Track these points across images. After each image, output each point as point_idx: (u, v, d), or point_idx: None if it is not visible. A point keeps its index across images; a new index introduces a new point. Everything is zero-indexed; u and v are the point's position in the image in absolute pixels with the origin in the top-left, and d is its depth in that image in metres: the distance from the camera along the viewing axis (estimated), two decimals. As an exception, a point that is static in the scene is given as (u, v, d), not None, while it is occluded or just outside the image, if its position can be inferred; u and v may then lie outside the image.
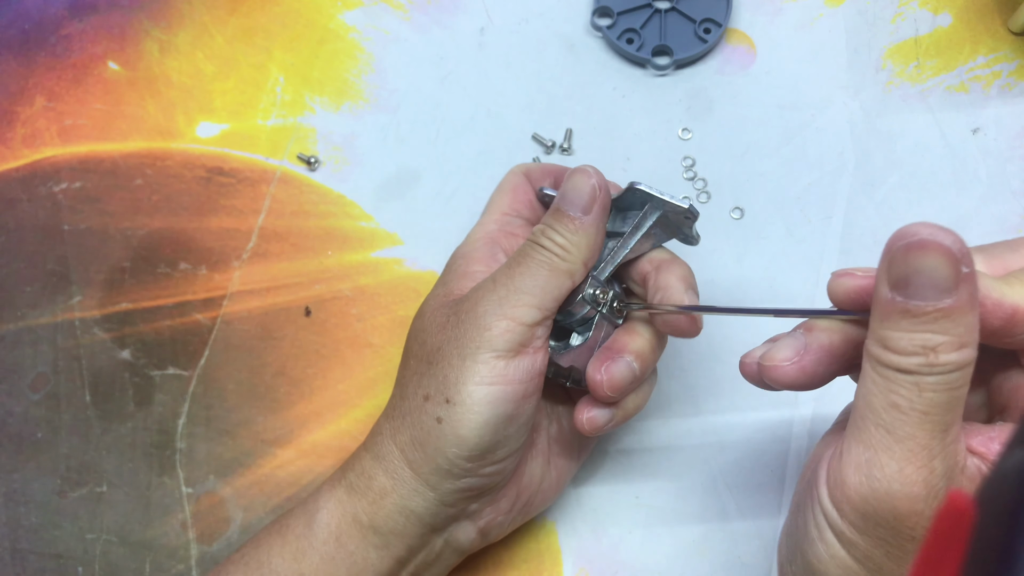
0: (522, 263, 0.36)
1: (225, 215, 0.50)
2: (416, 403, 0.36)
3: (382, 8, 0.54)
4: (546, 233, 0.36)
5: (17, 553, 0.45)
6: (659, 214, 0.37)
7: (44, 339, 0.48)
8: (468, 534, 0.38)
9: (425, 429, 0.35)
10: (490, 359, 0.34)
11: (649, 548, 0.43)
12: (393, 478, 0.36)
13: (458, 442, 0.34)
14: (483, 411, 0.34)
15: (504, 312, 0.34)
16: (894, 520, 0.27)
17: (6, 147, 0.52)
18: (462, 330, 0.35)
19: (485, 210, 0.42)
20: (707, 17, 0.51)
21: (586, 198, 0.36)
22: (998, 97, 0.49)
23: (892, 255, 0.26)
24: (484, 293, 0.35)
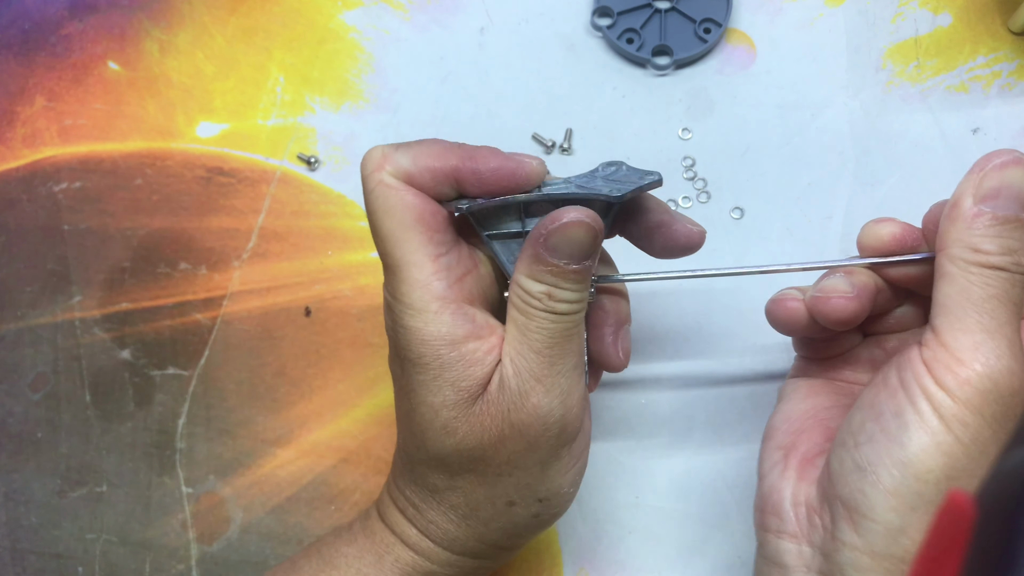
0: (551, 343, 0.32)
1: (225, 215, 0.50)
2: (499, 510, 0.34)
3: (382, 8, 0.54)
4: (556, 297, 0.31)
5: (17, 553, 0.45)
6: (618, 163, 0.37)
7: (44, 339, 0.48)
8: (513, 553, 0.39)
9: (522, 526, 0.35)
10: (566, 452, 0.33)
11: (649, 548, 0.43)
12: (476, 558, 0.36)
13: (555, 519, 0.36)
14: (575, 491, 0.35)
15: (565, 406, 0.32)
16: (1009, 395, 0.29)
17: (6, 147, 0.52)
18: (531, 440, 0.32)
19: (396, 262, 0.32)
20: (707, 17, 0.51)
21: (588, 250, 0.31)
22: (998, 97, 0.49)
23: (986, 172, 0.30)
24: (538, 398, 0.32)
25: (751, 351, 0.45)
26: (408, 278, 0.32)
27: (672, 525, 0.43)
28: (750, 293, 0.46)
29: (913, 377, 0.30)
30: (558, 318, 0.32)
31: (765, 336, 0.45)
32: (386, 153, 0.33)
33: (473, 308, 0.33)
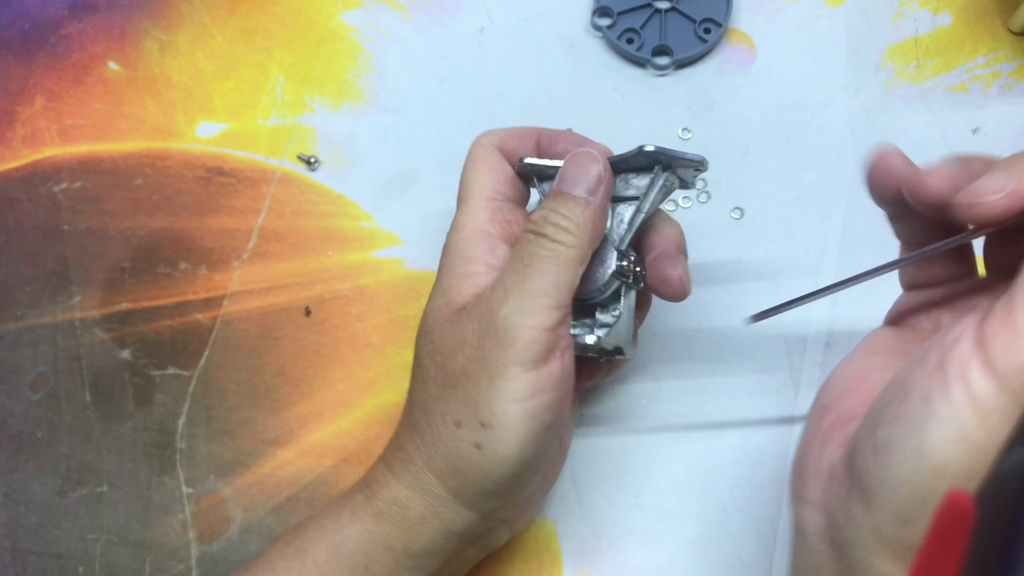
0: (530, 262, 0.34)
1: (225, 215, 0.50)
2: (447, 430, 0.34)
3: (382, 8, 0.54)
4: (550, 219, 0.34)
5: (17, 553, 0.45)
6: (668, 173, 0.36)
7: (44, 339, 0.48)
8: (502, 537, 0.38)
9: (464, 456, 0.33)
10: (520, 374, 0.32)
11: (649, 548, 0.43)
12: (433, 505, 0.35)
13: (502, 464, 0.33)
14: (522, 429, 0.33)
15: (524, 322, 0.32)
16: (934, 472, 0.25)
17: (6, 147, 0.52)
18: (486, 350, 0.33)
19: (464, 195, 0.38)
20: (707, 17, 0.51)
21: (592, 180, 0.34)
22: (998, 97, 0.49)
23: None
24: (497, 304, 0.33)
25: (752, 350, 0.45)
26: (463, 208, 0.38)
27: (672, 525, 0.43)
28: (751, 292, 0.46)
29: (957, 357, 0.25)
30: (543, 240, 0.34)
31: (766, 335, 0.45)
32: (491, 130, 0.40)
33: (502, 244, 0.36)
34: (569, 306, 0.34)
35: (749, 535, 0.42)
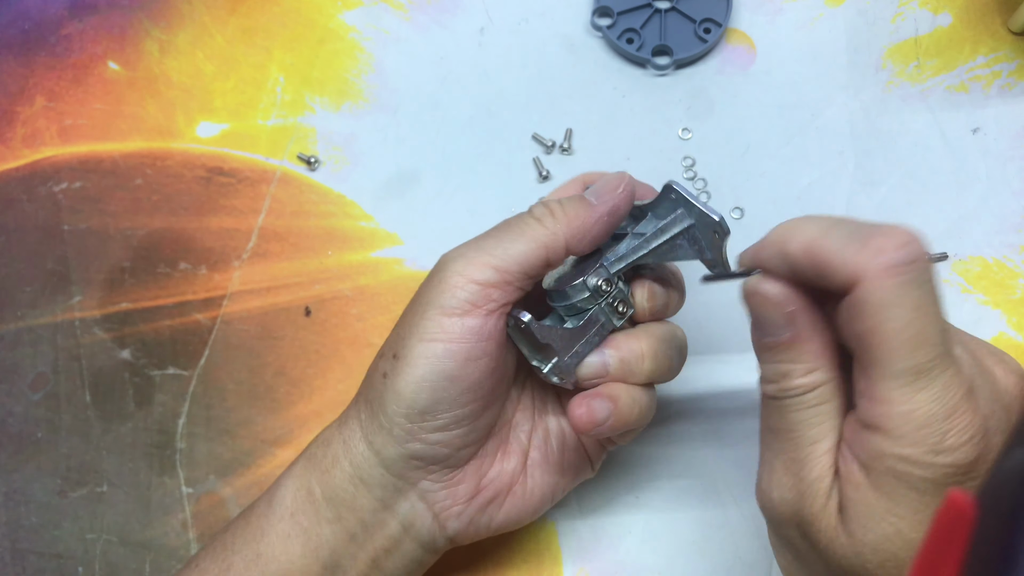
0: (500, 227, 0.35)
1: (225, 215, 0.50)
2: (375, 363, 0.36)
3: (382, 8, 0.54)
4: (546, 203, 0.35)
5: (17, 553, 0.45)
6: (688, 223, 0.35)
7: (44, 339, 0.48)
8: (424, 520, 0.36)
9: (374, 386, 0.35)
10: (435, 315, 0.33)
11: (649, 548, 0.43)
12: (345, 443, 0.35)
13: (396, 397, 0.34)
14: (420, 365, 0.33)
15: (458, 269, 0.34)
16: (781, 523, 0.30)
17: (6, 147, 0.52)
18: (422, 290, 0.35)
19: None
20: (707, 17, 0.51)
21: (605, 189, 0.35)
22: (998, 97, 0.49)
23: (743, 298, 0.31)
24: (450, 254, 0.35)
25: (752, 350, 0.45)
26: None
27: (672, 525, 0.43)
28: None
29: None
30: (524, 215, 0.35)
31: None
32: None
33: None
34: (515, 277, 0.34)
35: (749, 535, 0.42)
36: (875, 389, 0.27)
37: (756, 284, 0.30)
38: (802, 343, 0.29)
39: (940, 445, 0.26)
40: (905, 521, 0.26)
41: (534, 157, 0.50)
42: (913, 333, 0.26)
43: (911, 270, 0.26)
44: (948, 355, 0.27)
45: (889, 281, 0.26)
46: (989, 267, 0.46)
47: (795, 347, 0.29)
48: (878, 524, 0.27)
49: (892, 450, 0.26)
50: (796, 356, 0.29)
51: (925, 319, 0.26)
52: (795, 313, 0.29)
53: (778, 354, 0.30)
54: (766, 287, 0.30)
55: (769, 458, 0.31)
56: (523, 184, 0.50)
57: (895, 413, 0.26)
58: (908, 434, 0.26)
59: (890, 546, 0.27)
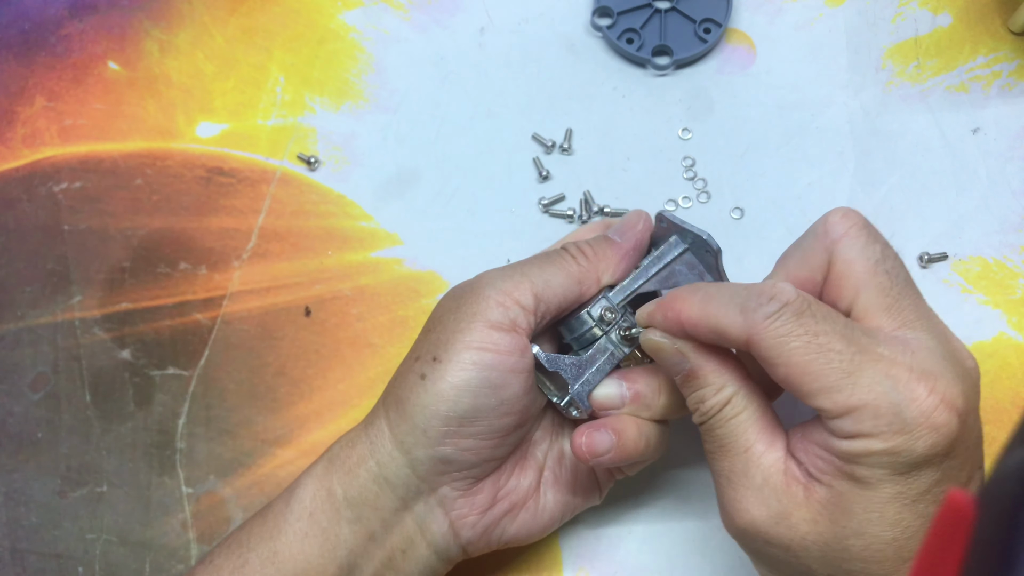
0: (540, 257, 0.37)
1: (225, 215, 0.50)
2: (407, 364, 0.36)
3: (382, 8, 0.54)
4: (579, 243, 0.38)
5: (17, 553, 0.45)
6: (683, 248, 0.37)
7: (44, 339, 0.48)
8: (440, 525, 0.36)
9: (408, 386, 0.35)
10: (483, 327, 0.35)
11: (649, 548, 0.43)
12: (372, 443, 0.36)
13: (437, 398, 0.34)
14: (468, 369, 0.34)
15: (504, 287, 0.35)
16: (744, 536, 0.32)
17: (6, 147, 0.52)
18: (462, 301, 0.36)
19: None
20: (707, 17, 0.51)
21: (626, 227, 0.38)
22: (998, 97, 0.49)
23: None
24: (492, 273, 0.36)
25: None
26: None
27: (672, 525, 0.43)
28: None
29: None
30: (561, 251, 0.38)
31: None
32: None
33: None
34: (549, 307, 0.36)
35: (749, 535, 0.42)
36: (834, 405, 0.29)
37: (646, 336, 0.34)
38: (701, 370, 0.33)
39: (915, 432, 0.28)
40: (889, 506, 0.29)
41: (534, 157, 0.50)
42: (818, 350, 0.30)
43: (785, 311, 0.30)
44: (867, 350, 0.30)
45: (773, 327, 0.30)
46: (989, 267, 0.46)
47: (697, 376, 0.33)
48: (863, 512, 0.29)
49: (874, 447, 0.29)
50: (701, 382, 0.33)
51: (821, 336, 0.30)
52: (683, 349, 0.33)
53: (689, 385, 0.33)
54: (654, 334, 0.34)
55: (716, 480, 0.33)
56: (523, 184, 0.50)
57: (864, 416, 0.29)
58: (883, 429, 0.28)
59: (874, 529, 0.29)
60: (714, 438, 0.33)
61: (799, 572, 0.31)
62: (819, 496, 0.30)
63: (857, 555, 0.29)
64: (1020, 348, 0.45)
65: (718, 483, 0.33)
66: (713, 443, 0.33)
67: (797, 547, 0.30)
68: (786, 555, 0.31)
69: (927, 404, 0.29)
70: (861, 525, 0.29)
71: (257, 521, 0.37)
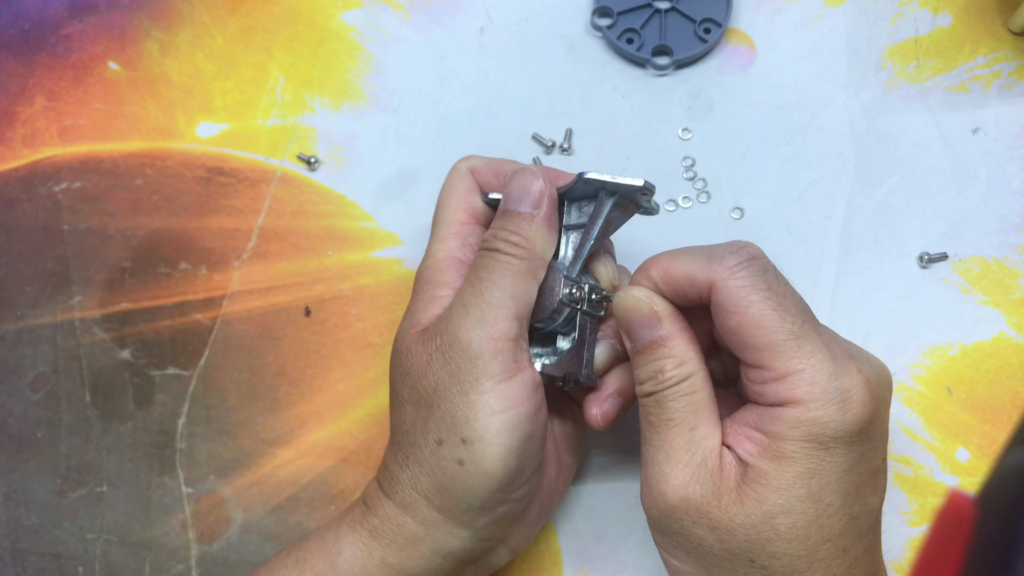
0: (485, 275, 0.35)
1: (225, 215, 0.50)
2: (429, 450, 0.34)
3: (382, 8, 0.54)
4: (499, 236, 0.35)
5: (17, 553, 0.45)
6: (614, 199, 0.37)
7: (44, 339, 0.48)
8: (502, 557, 0.38)
9: (449, 474, 0.34)
10: (493, 387, 0.33)
11: (649, 548, 0.43)
12: (424, 525, 0.35)
13: (486, 478, 0.33)
14: (503, 441, 0.33)
15: (487, 333, 0.33)
16: (673, 514, 0.32)
17: (6, 147, 0.52)
18: (453, 365, 0.34)
19: (437, 220, 0.40)
20: (707, 17, 0.51)
21: (535, 195, 0.36)
22: (998, 97, 0.49)
23: (614, 312, 0.35)
24: (459, 320, 0.34)
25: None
26: (434, 235, 0.39)
27: (672, 525, 0.43)
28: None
29: None
30: (495, 255, 0.35)
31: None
32: (470, 156, 0.41)
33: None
34: (527, 317, 0.35)
35: (749, 535, 0.42)
36: (774, 366, 0.31)
37: (626, 291, 0.34)
38: (671, 339, 0.33)
39: (847, 400, 0.30)
40: (814, 480, 0.30)
41: (534, 157, 0.50)
42: (774, 308, 0.31)
43: (753, 264, 0.32)
44: (814, 321, 0.32)
45: (738, 276, 0.32)
46: (989, 267, 0.46)
47: (666, 344, 0.33)
48: (792, 488, 0.30)
49: (806, 415, 0.30)
50: (667, 352, 0.33)
51: (779, 295, 0.31)
52: (662, 313, 0.34)
53: (652, 353, 0.33)
54: (636, 292, 0.34)
55: (652, 454, 0.33)
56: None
57: (802, 381, 0.30)
58: (818, 396, 0.30)
59: (800, 506, 0.30)
60: (663, 411, 0.33)
61: (715, 558, 0.32)
62: (748, 478, 0.31)
63: (783, 534, 0.30)
64: (1020, 348, 0.45)
65: (653, 458, 0.33)
66: (660, 416, 0.33)
67: (723, 529, 0.31)
68: (710, 537, 0.31)
69: (856, 380, 0.31)
70: (787, 502, 0.30)
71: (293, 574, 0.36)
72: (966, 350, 0.45)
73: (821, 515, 0.30)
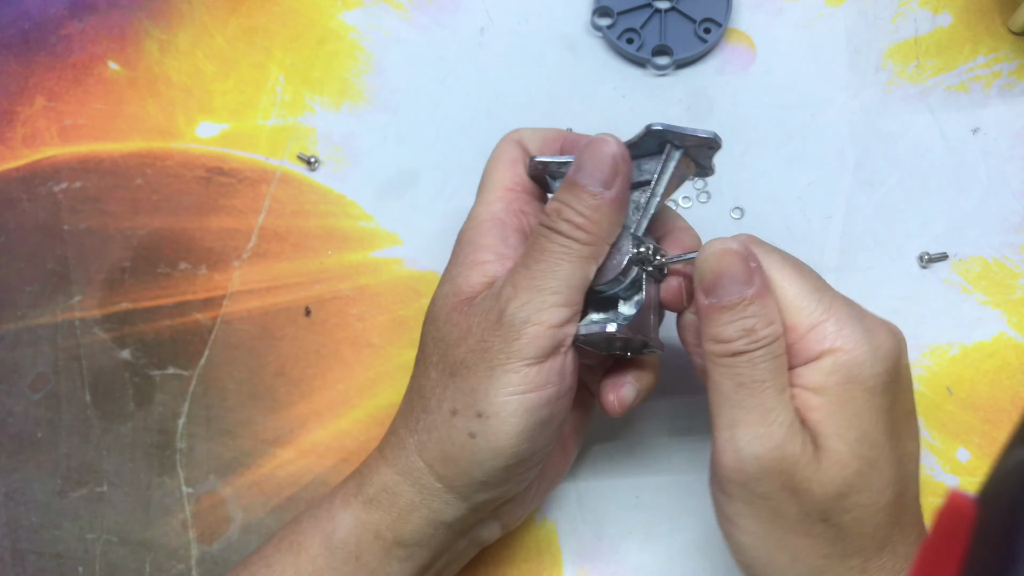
0: (541, 258, 0.33)
1: (225, 215, 0.50)
2: (443, 417, 0.34)
3: (382, 8, 0.54)
4: (562, 214, 0.33)
5: (17, 553, 0.45)
6: (681, 152, 0.34)
7: (44, 339, 0.48)
8: (493, 532, 0.38)
9: (458, 445, 0.33)
10: (521, 368, 0.32)
11: (649, 548, 0.43)
12: (422, 493, 0.34)
13: (495, 455, 0.33)
14: (518, 422, 0.32)
15: (530, 317, 0.32)
16: (763, 477, 0.31)
17: (6, 147, 0.52)
18: (489, 341, 0.33)
19: (483, 185, 0.38)
20: (707, 17, 0.51)
21: (607, 171, 0.33)
22: (998, 97, 0.49)
23: (699, 267, 0.32)
24: (507, 300, 0.33)
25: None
26: (479, 198, 0.38)
27: (672, 525, 0.43)
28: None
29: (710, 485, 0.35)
30: (555, 236, 0.33)
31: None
32: (518, 128, 0.39)
33: (515, 234, 0.36)
34: (579, 304, 0.34)
35: (749, 535, 0.42)
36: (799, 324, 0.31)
37: (722, 243, 0.32)
38: (763, 297, 0.31)
39: (874, 341, 0.31)
40: (866, 420, 0.30)
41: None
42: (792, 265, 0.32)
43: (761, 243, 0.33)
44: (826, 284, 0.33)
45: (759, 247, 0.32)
46: (989, 267, 0.46)
47: (759, 300, 0.31)
48: (847, 432, 0.30)
49: (843, 359, 0.30)
50: (759, 310, 0.31)
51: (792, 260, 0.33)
52: (757, 269, 0.32)
53: (742, 311, 0.31)
54: (732, 244, 0.32)
55: (734, 419, 0.31)
56: (523, 184, 0.50)
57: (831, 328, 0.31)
58: (847, 338, 0.31)
59: (859, 449, 0.30)
60: (755, 371, 0.31)
61: (789, 522, 0.31)
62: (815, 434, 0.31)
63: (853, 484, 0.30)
64: (1020, 348, 0.45)
65: (744, 420, 0.31)
66: (752, 375, 0.31)
67: (803, 490, 0.30)
68: (790, 499, 0.31)
69: (878, 324, 0.32)
70: (849, 448, 0.30)
71: (288, 560, 0.35)
72: (966, 350, 0.45)
73: (879, 458, 0.31)
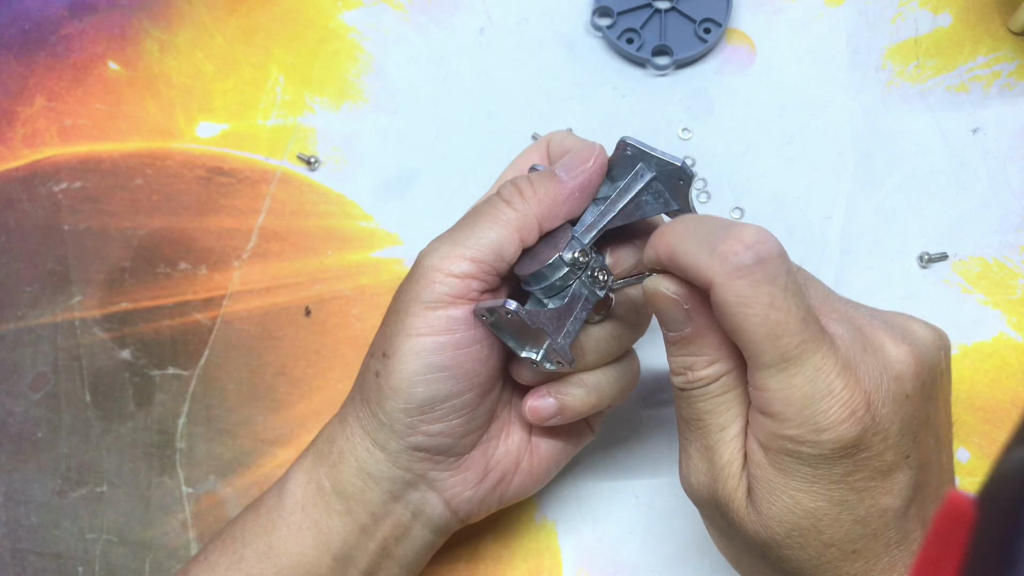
0: (470, 216, 0.35)
1: (225, 215, 0.50)
2: (366, 361, 0.36)
3: (382, 8, 0.54)
4: (515, 182, 0.35)
5: (17, 553, 0.45)
6: (650, 176, 0.34)
7: (44, 339, 0.48)
8: (435, 507, 0.36)
9: (368, 384, 0.35)
10: (419, 311, 0.34)
11: (649, 548, 0.43)
12: (349, 439, 0.36)
13: (392, 394, 0.34)
14: (412, 360, 0.33)
15: (436, 264, 0.34)
16: (701, 503, 0.33)
17: (6, 147, 0.52)
18: (403, 285, 0.35)
19: (505, 173, 0.41)
20: (707, 17, 0.51)
21: (574, 163, 0.35)
22: (998, 97, 0.49)
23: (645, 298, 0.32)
24: (428, 247, 0.35)
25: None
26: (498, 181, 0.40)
27: (672, 525, 0.43)
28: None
29: None
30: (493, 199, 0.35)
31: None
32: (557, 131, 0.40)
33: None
34: (491, 266, 0.34)
35: (749, 535, 0.42)
36: (755, 378, 0.29)
37: (654, 283, 0.31)
38: (702, 337, 0.31)
39: (821, 424, 0.28)
40: (802, 493, 0.29)
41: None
42: (770, 328, 0.28)
43: (758, 270, 0.28)
44: (816, 338, 0.28)
45: (738, 283, 0.28)
46: (989, 267, 0.46)
47: (695, 341, 0.31)
48: (779, 498, 0.29)
49: (781, 431, 0.29)
50: (697, 349, 0.31)
51: (780, 312, 0.28)
52: (692, 309, 0.30)
53: (682, 348, 0.31)
54: (663, 285, 0.31)
55: (684, 446, 0.33)
56: (523, 184, 0.50)
57: (776, 399, 0.28)
58: (791, 416, 0.28)
59: (792, 517, 0.29)
60: (692, 409, 0.31)
61: (740, 547, 0.32)
62: (753, 481, 0.30)
63: (782, 541, 0.30)
64: (1020, 348, 0.45)
65: (685, 449, 0.32)
66: (690, 412, 0.32)
67: (739, 526, 0.31)
68: (731, 530, 0.32)
69: (842, 402, 0.28)
70: (779, 512, 0.29)
71: (250, 516, 0.37)
72: (966, 350, 0.45)
73: (817, 523, 0.29)
